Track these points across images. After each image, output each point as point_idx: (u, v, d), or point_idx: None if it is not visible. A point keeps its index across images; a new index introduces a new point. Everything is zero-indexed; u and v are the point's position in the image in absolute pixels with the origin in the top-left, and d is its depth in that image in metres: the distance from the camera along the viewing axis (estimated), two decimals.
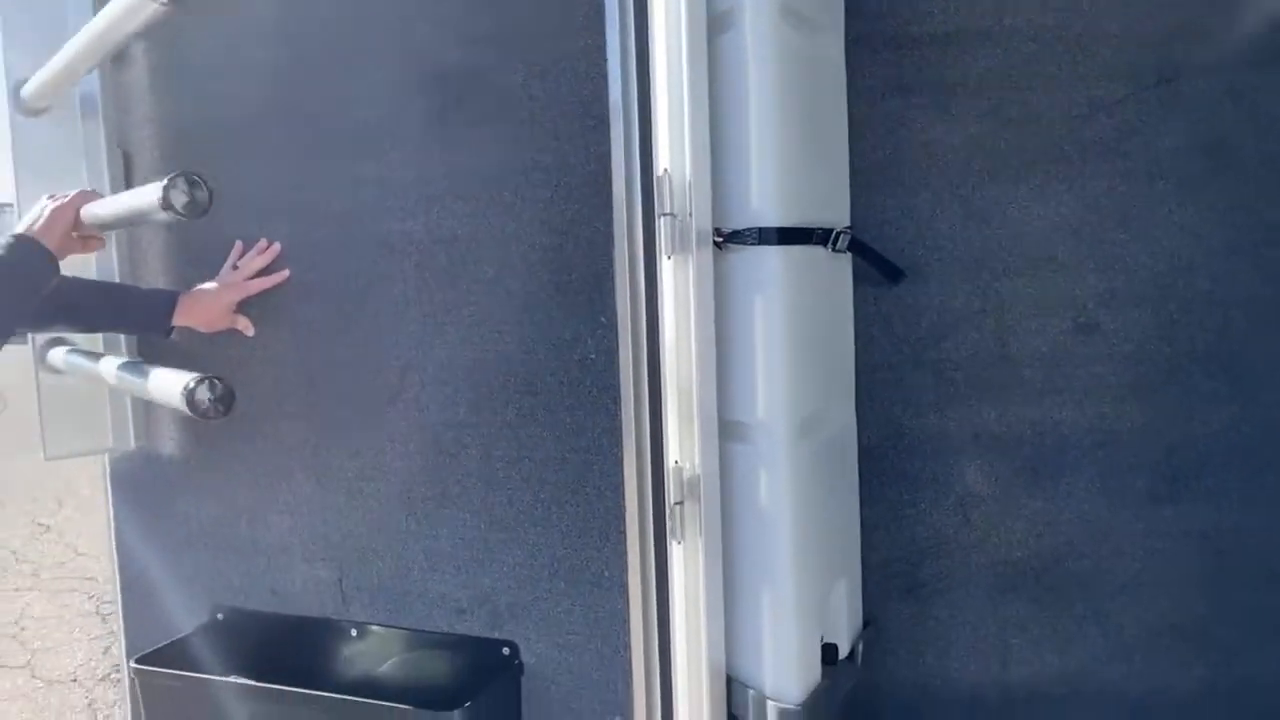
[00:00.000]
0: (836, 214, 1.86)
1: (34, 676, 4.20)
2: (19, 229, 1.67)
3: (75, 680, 4.15)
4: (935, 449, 2.00)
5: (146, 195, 1.55)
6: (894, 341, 1.99)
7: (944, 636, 2.05)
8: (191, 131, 1.93)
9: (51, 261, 1.66)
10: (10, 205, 1.85)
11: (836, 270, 1.87)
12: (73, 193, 1.72)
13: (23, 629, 4.75)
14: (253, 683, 1.77)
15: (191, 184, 1.51)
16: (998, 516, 2.00)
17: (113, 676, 4.17)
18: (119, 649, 4.42)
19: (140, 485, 2.09)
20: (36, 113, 1.87)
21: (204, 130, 1.91)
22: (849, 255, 1.89)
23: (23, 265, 1.62)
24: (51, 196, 1.70)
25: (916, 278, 1.96)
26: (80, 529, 6.43)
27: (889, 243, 1.95)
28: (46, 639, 4.61)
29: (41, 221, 1.67)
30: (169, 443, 2.04)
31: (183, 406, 1.64)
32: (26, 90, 1.85)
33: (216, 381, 1.66)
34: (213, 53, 1.88)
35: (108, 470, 2.13)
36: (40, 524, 6.60)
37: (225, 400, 1.68)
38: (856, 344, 1.96)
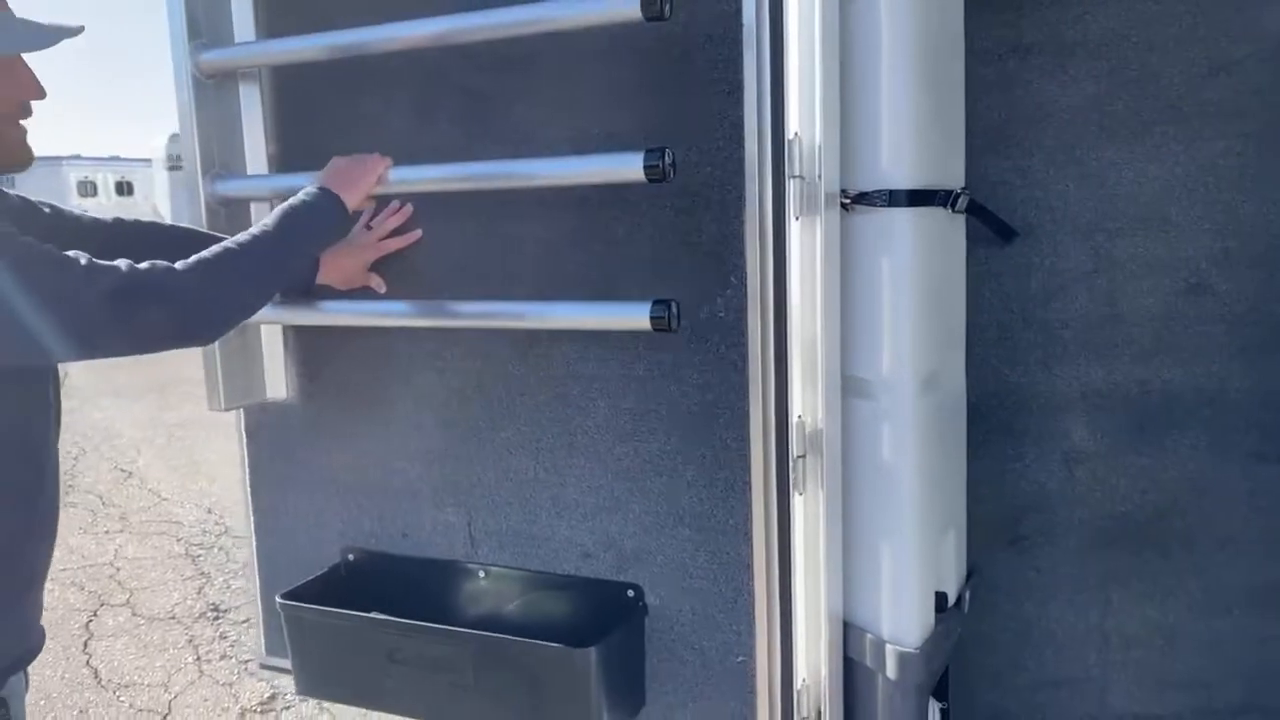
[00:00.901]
0: (954, 175, 1.90)
1: (135, 614, 4.42)
2: (320, 182, 1.72)
3: (174, 618, 4.36)
4: (1042, 406, 2.05)
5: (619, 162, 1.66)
6: (1003, 300, 2.03)
7: (1045, 587, 2.11)
8: (342, 110, 2.00)
9: (346, 220, 1.74)
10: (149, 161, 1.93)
11: (953, 230, 1.92)
12: (374, 156, 1.80)
13: (118, 569, 4.98)
14: (393, 618, 1.88)
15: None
16: (1102, 472, 2.05)
17: (208, 615, 4.38)
18: (212, 589, 4.64)
19: (274, 433, 2.20)
20: (214, 77, 1.95)
21: (360, 102, 1.98)
22: (963, 215, 1.93)
23: (324, 218, 1.68)
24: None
25: (1028, 238, 2.00)
26: (160, 476, 6.68)
27: (1001, 203, 1.99)
28: (142, 579, 4.83)
29: (349, 180, 1.73)
30: (301, 394, 2.15)
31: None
32: (208, 55, 1.92)
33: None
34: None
35: (242, 420, 2.24)
36: (122, 470, 6.86)
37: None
38: (967, 302, 2.01)
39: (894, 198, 1.65)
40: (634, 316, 1.67)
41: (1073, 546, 2.09)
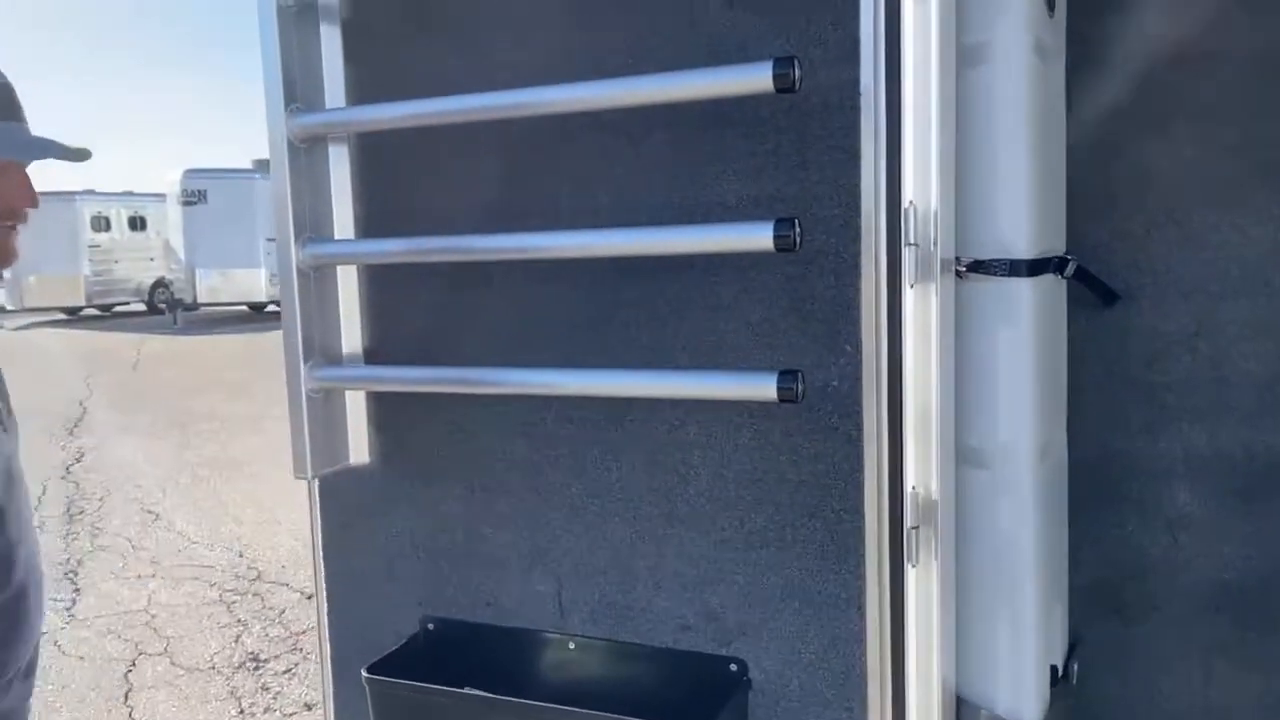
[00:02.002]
0: (1059, 240, 1.88)
1: (174, 664, 4.36)
2: None
3: (214, 668, 4.29)
4: (1144, 470, 2.01)
5: None
6: (1105, 364, 2.00)
7: (1148, 657, 2.06)
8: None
9: None
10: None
11: (1057, 295, 1.89)
12: None
13: (153, 616, 4.92)
14: (493, 695, 1.84)
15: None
16: (1206, 539, 2.00)
17: (248, 665, 4.32)
18: (250, 637, 4.58)
19: (350, 498, 2.16)
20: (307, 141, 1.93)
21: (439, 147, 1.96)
22: (1066, 279, 1.91)
23: None
24: None
25: (1129, 301, 1.97)
26: (188, 518, 6.64)
27: (1102, 266, 1.96)
28: (178, 627, 4.78)
29: None
30: (382, 458, 2.11)
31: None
32: (302, 120, 1.91)
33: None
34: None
35: (316, 483, 2.20)
36: (149, 511, 6.82)
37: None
38: (1067, 366, 1.98)
39: (1014, 267, 1.63)
40: (757, 386, 1.64)
41: (1176, 615, 2.04)
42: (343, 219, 2.02)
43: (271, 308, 22.66)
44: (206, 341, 18.10)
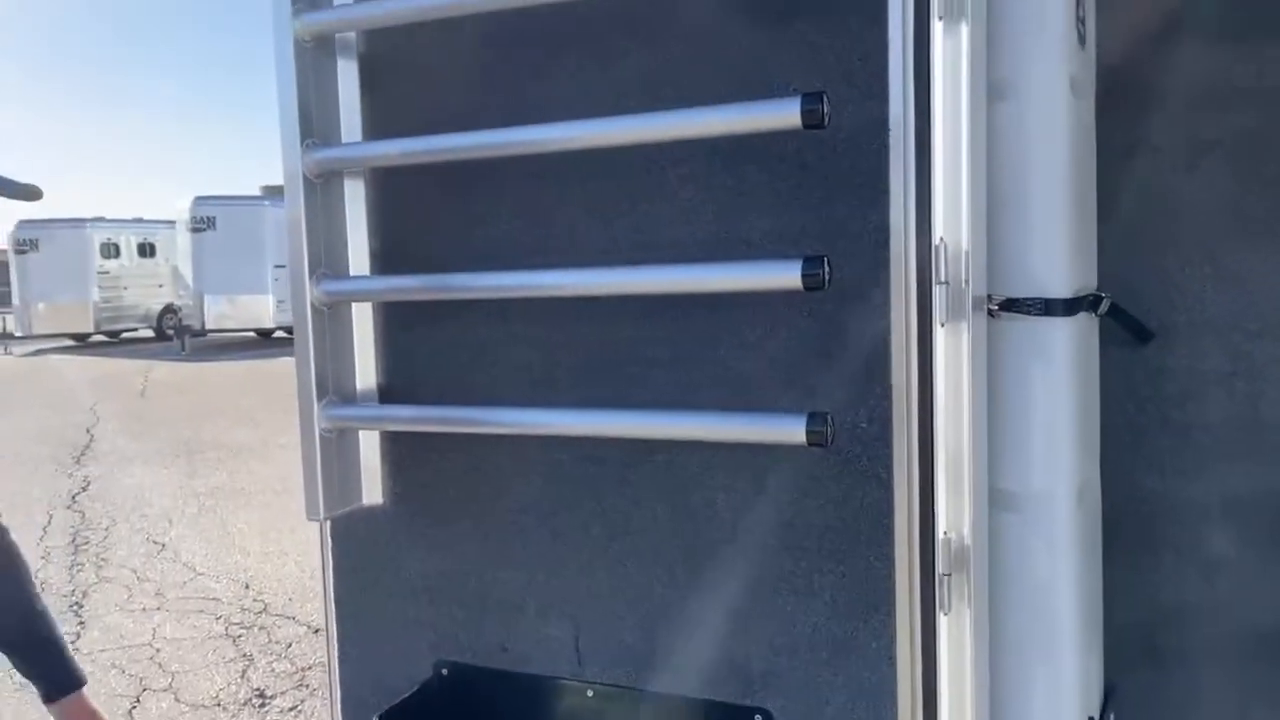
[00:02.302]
0: (1091, 276, 1.83)
1: (178, 700, 4.29)
2: None
3: (219, 704, 4.22)
4: (1179, 512, 1.95)
5: None
6: (1138, 403, 1.95)
7: (1183, 704, 1.99)
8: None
9: None
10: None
11: (1090, 332, 1.84)
12: None
13: (158, 650, 4.85)
14: None
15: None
16: (1243, 582, 1.94)
17: (253, 701, 4.25)
18: (256, 673, 4.50)
19: (363, 539, 2.11)
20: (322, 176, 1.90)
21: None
22: (1099, 316, 1.86)
23: None
24: None
25: (1163, 338, 1.92)
26: (194, 548, 6.58)
27: (1135, 303, 1.91)
28: (183, 661, 4.71)
29: None
30: (396, 499, 2.06)
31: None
32: (318, 155, 1.88)
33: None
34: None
35: (328, 524, 2.15)
36: (155, 542, 6.76)
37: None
38: (1100, 405, 1.93)
39: (1049, 306, 1.58)
40: (785, 429, 1.59)
41: (1212, 661, 1.98)
42: (358, 254, 1.99)
43: (279, 333, 22.75)
44: (214, 368, 18.09)
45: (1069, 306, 1.60)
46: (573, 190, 1.83)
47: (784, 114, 1.52)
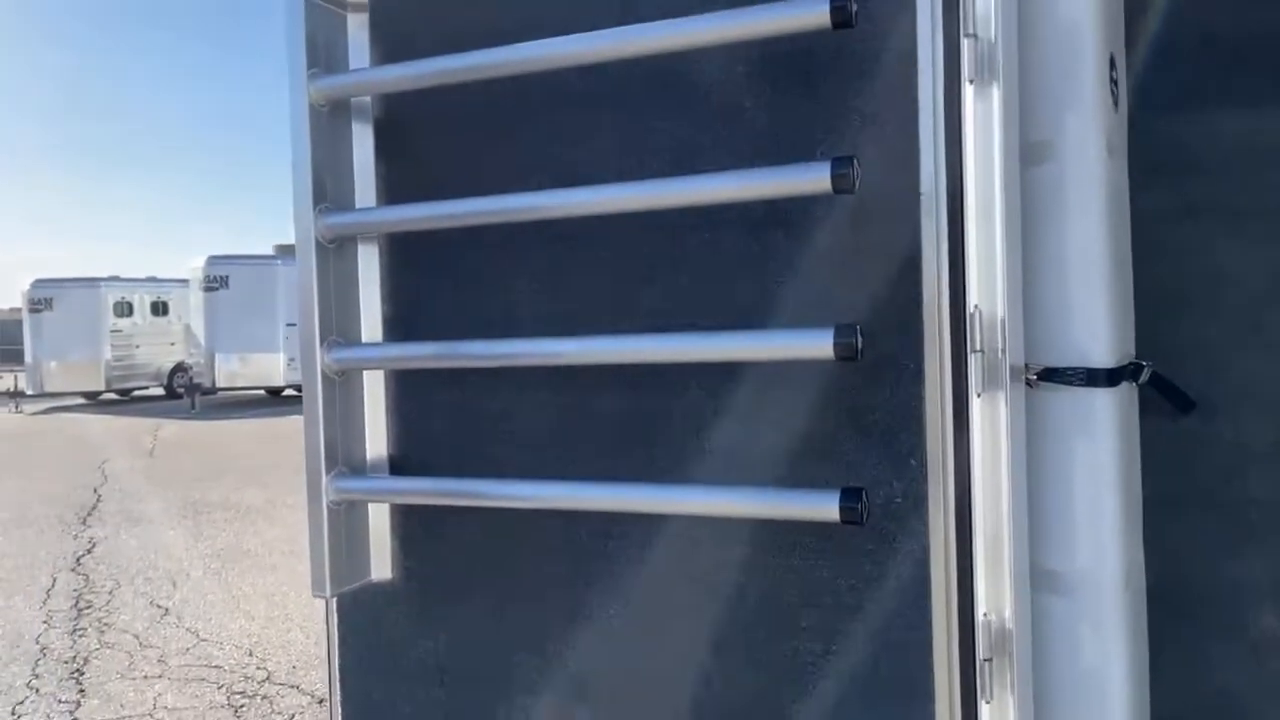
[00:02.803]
0: (1130, 344, 1.77)
1: None
2: None
3: None
4: (1226, 591, 1.86)
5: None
6: (1180, 477, 1.87)
7: None
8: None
9: None
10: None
11: (1131, 401, 1.77)
12: None
13: None
14: None
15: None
16: None
17: None
18: None
19: (370, 616, 2.02)
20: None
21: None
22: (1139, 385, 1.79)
23: None
24: None
25: (1206, 410, 1.84)
26: (198, 613, 6.45)
27: (1175, 372, 1.84)
28: None
29: None
30: (405, 575, 1.98)
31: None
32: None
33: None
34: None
35: (333, 600, 2.07)
36: (158, 606, 6.64)
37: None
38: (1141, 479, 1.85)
39: (1092, 376, 1.51)
40: (817, 506, 1.51)
41: None
42: (370, 320, 1.94)
43: (289, 391, 22.73)
44: (223, 426, 18.05)
45: (1112, 376, 1.53)
46: (594, 256, 1.78)
47: (813, 179, 1.47)
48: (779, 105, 1.64)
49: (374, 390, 1.93)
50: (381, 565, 1.96)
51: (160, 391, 25.01)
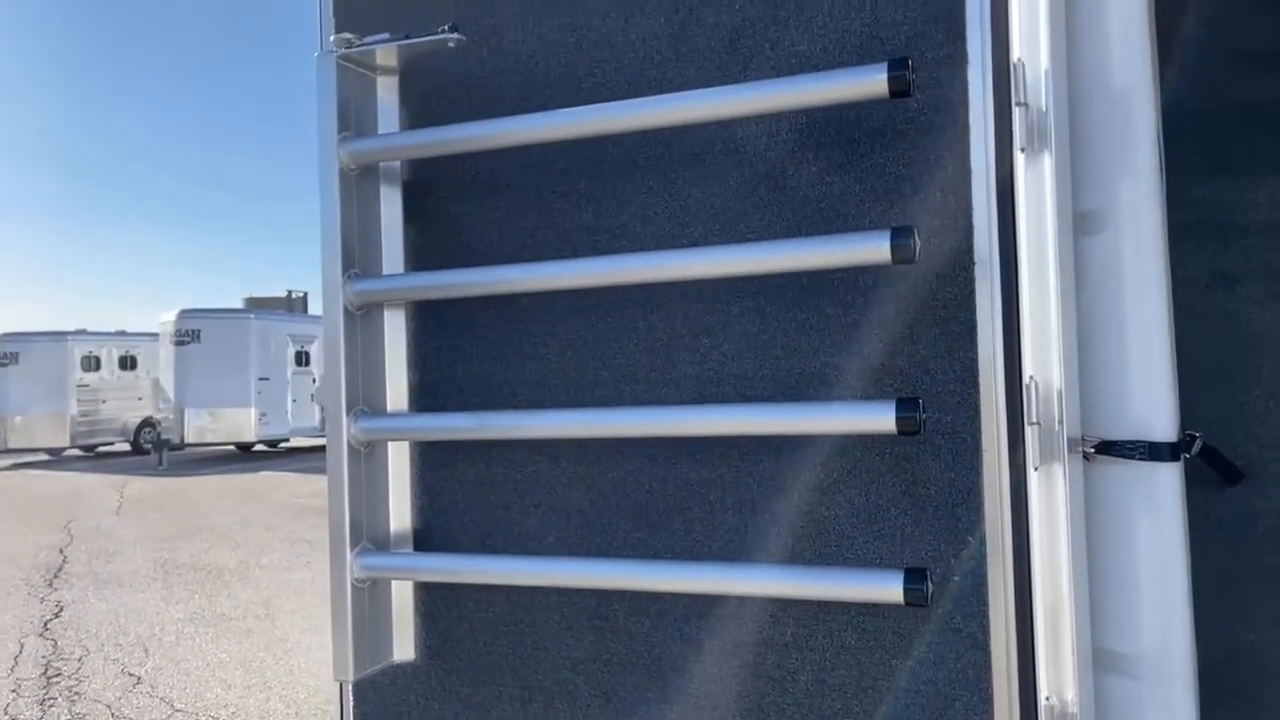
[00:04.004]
0: (1178, 416, 1.74)
1: None
2: None
3: None
4: (1276, 667, 1.81)
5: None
6: (1228, 547, 1.83)
7: None
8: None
9: None
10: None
11: (1181, 474, 1.73)
12: None
13: None
14: None
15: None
16: None
17: None
18: None
19: (391, 699, 1.92)
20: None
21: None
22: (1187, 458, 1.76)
23: None
24: None
25: (1252, 479, 1.82)
26: (171, 681, 6.22)
27: (1219, 440, 1.81)
28: None
29: None
30: (429, 656, 1.89)
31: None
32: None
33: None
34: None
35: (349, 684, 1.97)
36: (130, 674, 6.40)
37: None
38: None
39: (1155, 450, 1.48)
40: (877, 587, 1.45)
41: None
42: (396, 389, 1.87)
43: (260, 447, 22.37)
44: (192, 483, 17.67)
45: (1174, 450, 1.49)
46: (630, 323, 1.73)
47: (872, 248, 1.44)
48: (825, 172, 1.61)
49: (399, 462, 1.86)
50: (404, 646, 1.87)
51: (126, 447, 24.52)
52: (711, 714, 1.67)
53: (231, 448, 22.86)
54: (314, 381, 22.69)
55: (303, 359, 22.64)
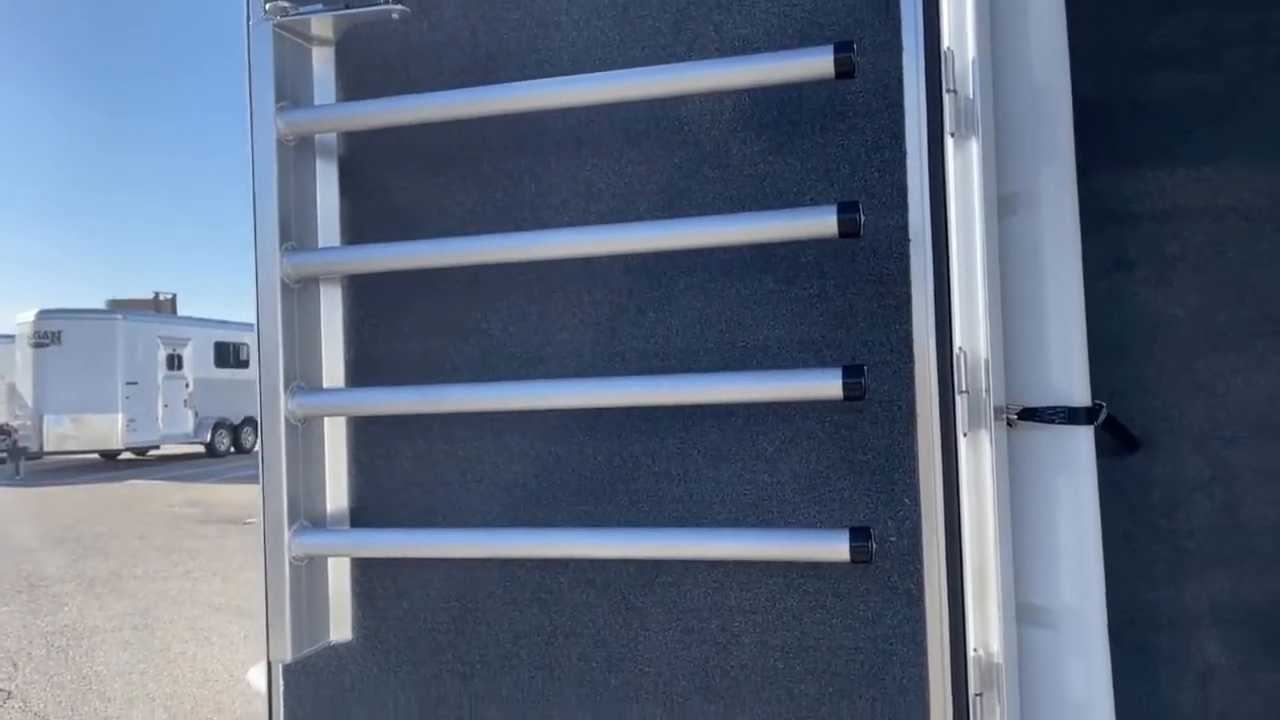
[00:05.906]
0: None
1: None
2: None
3: None
4: (1172, 621, 1.96)
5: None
6: (1129, 511, 1.97)
7: None
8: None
9: None
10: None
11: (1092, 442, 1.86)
12: None
13: None
14: None
15: None
16: (1236, 691, 1.95)
17: None
18: None
19: (327, 680, 1.89)
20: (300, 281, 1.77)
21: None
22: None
23: None
24: None
25: (1147, 447, 1.96)
26: (45, 695, 5.89)
27: (1119, 412, 1.95)
28: None
29: None
30: (367, 635, 1.87)
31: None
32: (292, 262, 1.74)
33: None
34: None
35: (277, 665, 1.92)
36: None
37: None
38: None
39: (1073, 415, 1.59)
40: (824, 547, 1.51)
41: None
42: (332, 365, 1.84)
43: (126, 455, 21.30)
44: (54, 493, 16.70)
45: (1089, 415, 1.60)
46: (574, 298, 1.75)
47: (819, 222, 1.50)
48: (768, 151, 1.67)
49: (335, 439, 1.83)
50: (341, 625, 1.84)
51: None
52: (656, 680, 1.71)
53: (95, 456, 21.69)
54: (187, 386, 21.76)
55: (175, 362, 21.68)
